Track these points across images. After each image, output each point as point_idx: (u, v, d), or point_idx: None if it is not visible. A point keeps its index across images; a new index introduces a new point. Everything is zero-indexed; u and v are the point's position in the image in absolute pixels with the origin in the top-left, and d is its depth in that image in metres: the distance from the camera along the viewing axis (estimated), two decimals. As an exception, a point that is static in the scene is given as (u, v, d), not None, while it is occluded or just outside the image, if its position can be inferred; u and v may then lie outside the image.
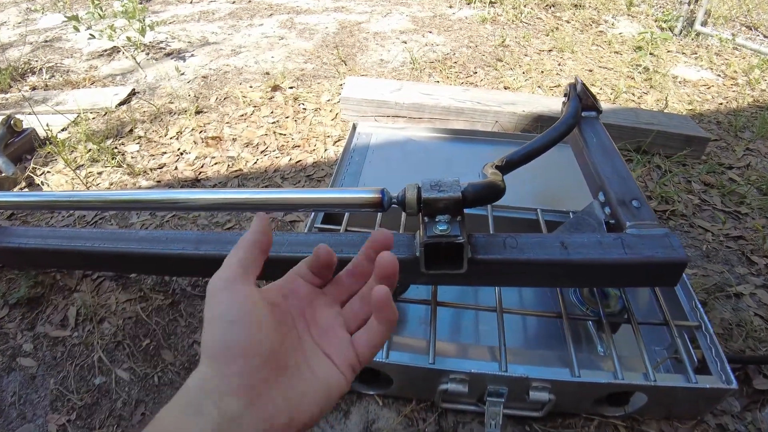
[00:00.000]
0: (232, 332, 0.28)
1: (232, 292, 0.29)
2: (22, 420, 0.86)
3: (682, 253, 0.70)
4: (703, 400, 0.78)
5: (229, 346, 0.27)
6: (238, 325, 0.28)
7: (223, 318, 0.28)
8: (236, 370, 0.26)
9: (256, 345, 0.28)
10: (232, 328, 0.28)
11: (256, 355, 0.27)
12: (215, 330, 0.28)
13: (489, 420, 0.76)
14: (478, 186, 0.69)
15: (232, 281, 0.30)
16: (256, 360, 0.27)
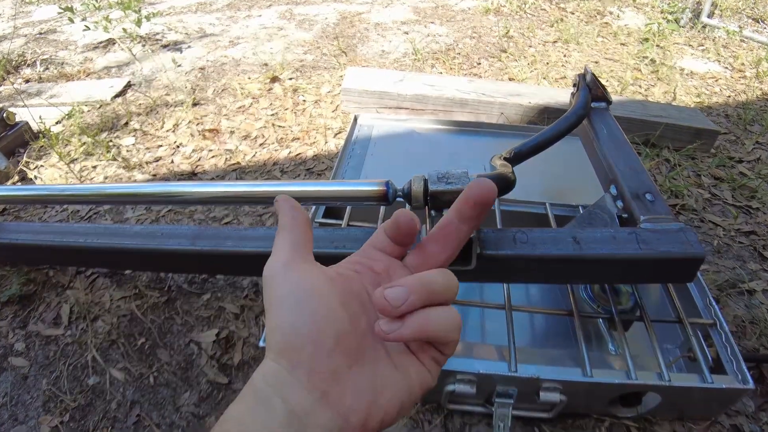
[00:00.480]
0: (298, 315, 0.24)
1: (293, 272, 0.26)
2: (14, 422, 0.83)
3: (699, 249, 0.67)
4: (717, 400, 0.76)
5: (295, 332, 0.24)
6: (303, 306, 0.25)
7: (286, 301, 0.25)
8: (304, 358, 0.24)
9: (325, 328, 0.24)
10: (297, 310, 0.25)
11: (325, 340, 0.24)
12: (278, 316, 0.25)
13: (497, 422, 0.74)
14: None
15: (290, 262, 0.27)
16: (326, 345, 0.24)
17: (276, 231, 0.30)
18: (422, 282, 0.25)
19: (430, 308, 0.25)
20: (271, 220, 1.22)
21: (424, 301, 0.25)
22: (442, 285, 0.26)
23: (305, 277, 0.26)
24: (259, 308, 0.99)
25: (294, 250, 0.28)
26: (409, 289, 0.25)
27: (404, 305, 0.24)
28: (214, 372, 0.88)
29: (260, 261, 0.82)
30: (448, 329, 0.26)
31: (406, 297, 0.24)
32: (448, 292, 0.26)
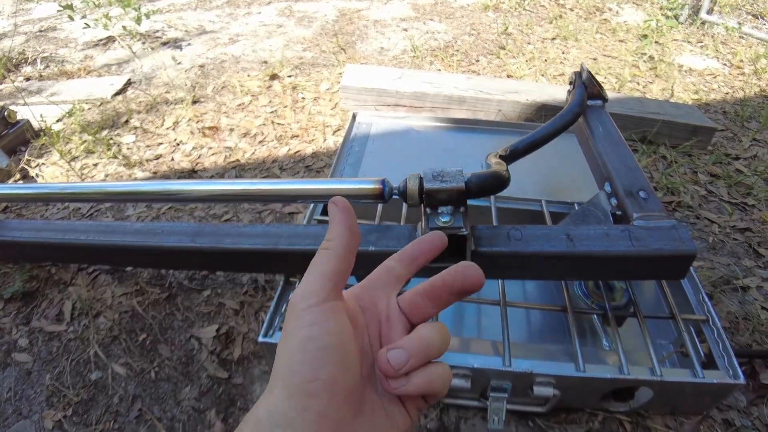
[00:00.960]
0: (320, 363, 0.24)
1: (323, 312, 0.25)
2: (18, 416, 0.84)
3: (691, 246, 0.68)
4: (709, 395, 0.77)
5: (314, 378, 0.23)
6: (328, 355, 0.24)
7: (315, 342, 0.24)
8: (317, 404, 0.23)
9: (343, 379, 0.24)
10: (321, 358, 0.24)
11: (340, 390, 0.24)
12: (299, 358, 0.24)
13: (492, 416, 0.75)
14: (482, 176, 0.67)
15: (322, 299, 0.26)
16: (340, 395, 0.24)
17: (320, 245, 0.29)
18: (421, 344, 0.26)
19: (431, 366, 0.27)
20: (270, 217, 1.23)
21: (422, 361, 0.26)
22: (439, 343, 0.27)
23: (334, 320, 0.25)
24: (259, 304, 1.00)
25: (332, 283, 0.26)
26: (409, 353, 0.26)
27: (405, 368, 0.25)
28: (214, 367, 0.90)
29: (259, 258, 0.83)
30: (444, 387, 0.27)
31: (406, 360, 0.25)
32: (442, 348, 0.27)
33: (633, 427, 0.80)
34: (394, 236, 0.73)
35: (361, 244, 0.72)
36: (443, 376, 0.27)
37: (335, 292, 0.26)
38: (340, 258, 0.27)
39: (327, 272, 0.27)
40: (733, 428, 0.80)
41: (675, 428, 0.80)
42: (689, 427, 0.81)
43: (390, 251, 0.71)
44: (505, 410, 0.75)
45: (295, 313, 0.25)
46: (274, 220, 1.22)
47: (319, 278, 0.26)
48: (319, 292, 0.26)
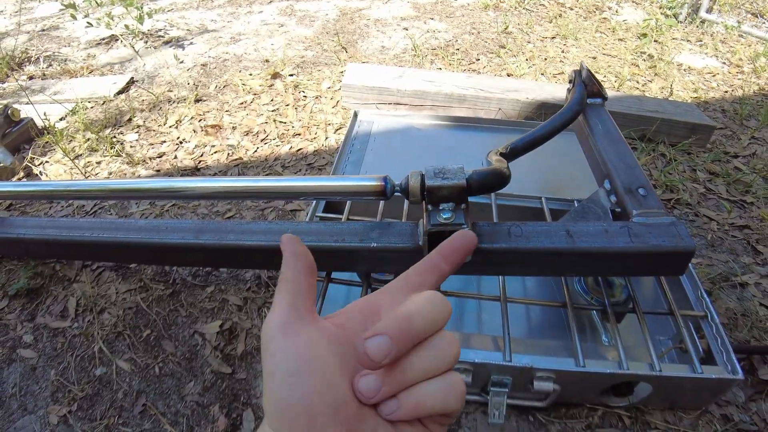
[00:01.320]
0: (290, 388, 0.23)
1: (288, 336, 0.25)
2: (23, 411, 0.85)
3: (690, 242, 0.69)
4: (708, 390, 0.77)
5: (287, 405, 0.23)
6: (297, 379, 0.23)
7: (278, 371, 0.24)
8: (299, 430, 0.22)
9: (320, 401, 0.23)
10: (290, 383, 0.23)
11: (320, 412, 0.23)
12: (272, 385, 0.24)
13: (492, 410, 0.76)
14: (483, 173, 0.67)
15: (286, 323, 0.25)
16: (320, 417, 0.23)
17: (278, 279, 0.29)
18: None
19: (424, 384, 0.24)
20: (272, 214, 1.24)
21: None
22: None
23: (301, 342, 0.24)
24: (262, 300, 1.01)
25: (292, 308, 0.26)
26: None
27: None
28: (218, 362, 0.91)
29: (262, 254, 0.84)
30: (448, 403, 0.24)
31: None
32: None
33: (632, 421, 0.81)
34: (396, 233, 0.74)
35: (363, 240, 0.73)
36: (443, 391, 0.24)
37: (298, 316, 0.26)
38: (293, 282, 0.27)
39: (284, 300, 0.27)
40: (731, 423, 0.81)
41: (674, 423, 0.81)
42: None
43: (391, 248, 0.72)
44: (506, 405, 0.76)
45: (264, 342, 0.25)
46: (276, 218, 1.23)
47: (278, 306, 0.26)
48: (279, 319, 0.26)
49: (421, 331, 0.24)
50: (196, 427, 0.82)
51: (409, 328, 0.23)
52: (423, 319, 0.24)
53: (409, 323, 0.23)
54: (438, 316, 0.24)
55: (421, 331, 0.24)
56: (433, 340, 0.24)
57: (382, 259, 0.74)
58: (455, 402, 0.24)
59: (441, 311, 0.24)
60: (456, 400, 0.24)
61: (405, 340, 0.23)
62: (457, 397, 0.24)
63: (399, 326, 0.23)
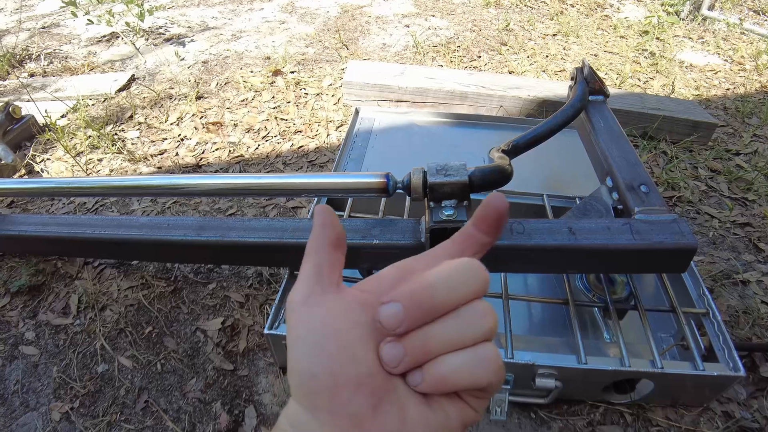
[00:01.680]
0: (313, 359, 0.22)
1: (312, 307, 0.24)
2: (26, 408, 0.86)
3: (692, 239, 0.69)
4: (709, 387, 0.78)
5: (311, 377, 0.22)
6: (319, 350, 0.22)
7: (302, 343, 0.23)
8: (324, 402, 0.22)
9: (343, 372, 0.22)
10: (313, 354, 0.22)
11: (344, 384, 0.22)
12: (295, 359, 0.23)
13: (494, 407, 0.76)
14: (485, 170, 0.67)
15: (311, 294, 0.25)
16: (345, 389, 0.22)
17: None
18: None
19: (450, 356, 0.22)
20: (274, 211, 1.24)
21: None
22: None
23: (324, 313, 0.24)
24: (263, 297, 1.01)
25: (316, 279, 0.25)
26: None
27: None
28: (219, 359, 0.91)
29: (263, 251, 0.84)
30: (477, 376, 0.22)
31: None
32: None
33: (634, 418, 0.81)
34: (398, 230, 0.74)
35: (365, 237, 0.73)
36: (472, 363, 0.22)
37: (320, 286, 0.25)
38: (318, 253, 0.26)
39: (307, 271, 0.26)
40: (732, 420, 0.81)
41: (675, 420, 0.81)
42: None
43: (393, 245, 0.72)
44: (508, 401, 0.76)
45: (288, 317, 0.25)
46: (278, 214, 1.23)
47: (301, 279, 0.26)
48: (302, 290, 0.25)
49: (443, 300, 0.22)
50: (198, 423, 0.83)
51: (427, 297, 0.22)
52: (447, 288, 0.22)
53: (430, 291, 0.22)
54: (468, 285, 0.22)
55: (444, 301, 0.22)
56: (463, 310, 0.22)
57: (384, 256, 0.74)
58: (487, 375, 0.22)
59: (473, 280, 0.23)
60: (488, 373, 0.22)
61: (420, 309, 0.22)
62: (488, 370, 0.22)
63: (414, 294, 0.22)
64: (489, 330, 0.22)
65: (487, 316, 0.23)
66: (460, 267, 0.23)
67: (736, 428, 0.80)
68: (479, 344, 0.22)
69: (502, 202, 0.25)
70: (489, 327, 0.22)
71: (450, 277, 0.22)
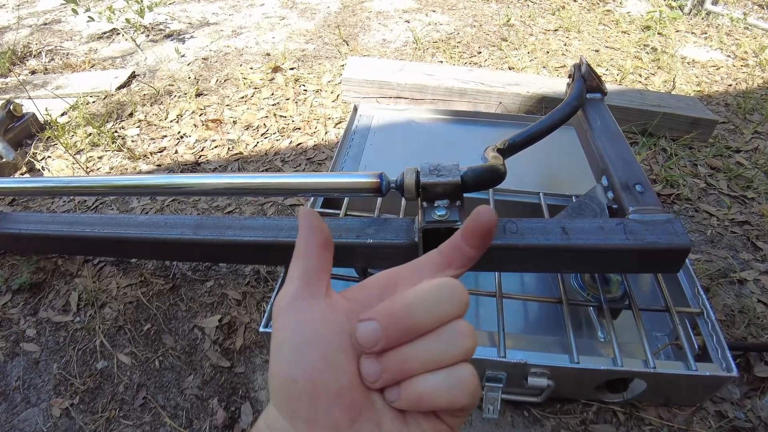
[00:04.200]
0: (294, 365, 0.22)
1: (298, 312, 0.24)
2: (27, 404, 0.87)
3: (686, 239, 0.69)
4: (702, 387, 0.78)
5: (291, 382, 0.22)
6: (302, 355, 0.22)
7: (285, 347, 0.23)
8: (302, 410, 0.22)
9: (324, 380, 0.22)
10: (295, 359, 0.22)
11: (324, 392, 0.22)
12: (276, 363, 0.23)
13: (487, 405, 0.76)
14: (478, 170, 0.68)
15: (296, 298, 0.24)
16: (325, 398, 0.22)
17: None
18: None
19: (428, 376, 0.22)
20: (272, 209, 1.25)
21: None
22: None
23: (310, 319, 0.23)
24: (260, 294, 1.02)
25: (303, 283, 0.25)
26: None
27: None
28: (217, 356, 0.92)
29: (260, 250, 0.84)
30: (453, 398, 0.22)
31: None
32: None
33: (626, 417, 0.82)
34: (392, 229, 0.74)
35: (360, 236, 0.74)
36: (448, 386, 0.22)
37: (307, 290, 0.25)
38: (306, 257, 0.26)
39: (295, 275, 0.25)
40: (725, 420, 0.82)
41: (668, 419, 0.81)
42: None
43: (387, 244, 0.72)
44: (500, 400, 0.77)
45: (274, 317, 0.25)
46: (276, 213, 1.24)
47: (289, 281, 0.25)
48: (289, 293, 0.25)
49: (422, 321, 0.22)
50: (195, 420, 0.84)
51: (405, 317, 0.22)
52: (426, 309, 0.22)
53: (407, 311, 0.22)
54: (447, 306, 0.22)
55: (422, 322, 0.22)
56: (442, 330, 0.22)
57: (378, 255, 0.75)
58: (463, 398, 0.22)
59: (452, 301, 0.22)
60: (464, 395, 0.22)
61: (397, 329, 0.22)
62: (465, 392, 0.22)
63: (392, 314, 0.22)
64: (467, 350, 0.22)
65: (466, 337, 0.22)
66: (440, 287, 0.23)
67: (729, 428, 0.81)
68: (457, 365, 0.22)
69: (490, 218, 0.25)
70: (468, 348, 0.22)
71: (429, 297, 0.22)
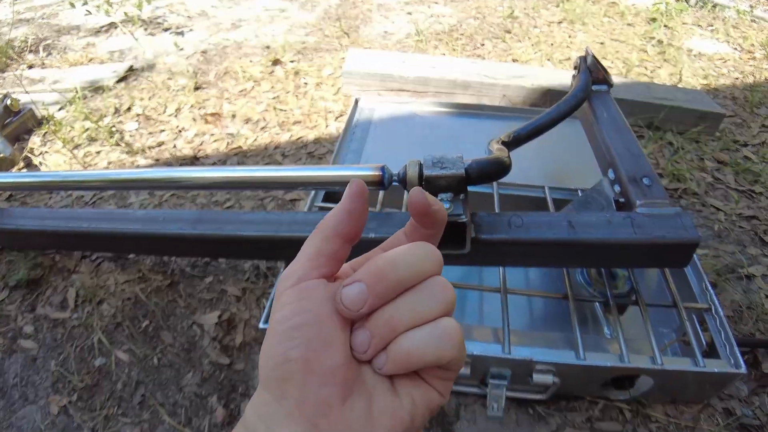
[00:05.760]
0: (291, 342, 0.22)
1: (297, 291, 0.23)
2: (25, 401, 0.86)
3: (694, 233, 0.67)
4: (710, 384, 0.76)
5: (285, 360, 0.22)
6: (299, 333, 0.22)
7: (283, 324, 0.23)
8: (293, 389, 0.22)
9: (319, 358, 0.22)
10: (291, 337, 0.22)
11: (318, 370, 0.22)
12: (272, 342, 0.23)
13: (491, 402, 0.75)
14: (482, 163, 0.66)
15: (297, 279, 0.24)
16: (318, 376, 0.22)
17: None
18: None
19: (413, 332, 0.23)
20: (272, 204, 1.23)
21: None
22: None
23: (307, 299, 0.23)
24: (260, 291, 1.01)
25: (313, 265, 0.25)
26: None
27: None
28: (216, 353, 0.91)
29: (260, 245, 0.83)
30: (441, 350, 0.23)
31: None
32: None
33: (633, 415, 0.80)
34: (395, 223, 0.73)
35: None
36: (435, 339, 0.22)
37: (316, 272, 0.24)
38: (325, 239, 0.25)
39: (308, 253, 0.25)
40: (733, 417, 0.80)
41: (675, 417, 0.80)
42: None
43: (389, 239, 0.71)
44: (505, 397, 0.75)
45: (275, 297, 0.24)
46: (276, 207, 1.22)
47: (300, 259, 0.25)
48: (296, 272, 0.24)
49: (403, 277, 0.23)
50: (194, 417, 0.82)
51: (389, 271, 0.22)
52: (406, 264, 0.23)
53: (390, 266, 0.22)
54: (424, 261, 0.23)
55: (404, 278, 0.23)
56: (423, 284, 0.23)
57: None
58: (450, 350, 0.22)
59: (429, 257, 0.24)
60: (451, 347, 0.22)
61: (382, 286, 0.22)
62: (451, 344, 0.23)
63: (376, 273, 0.22)
64: (449, 302, 0.23)
65: (446, 289, 0.23)
66: (416, 246, 0.24)
67: (737, 425, 0.79)
68: (440, 318, 0.23)
69: (418, 198, 0.25)
70: (448, 299, 0.23)
71: (407, 254, 0.23)
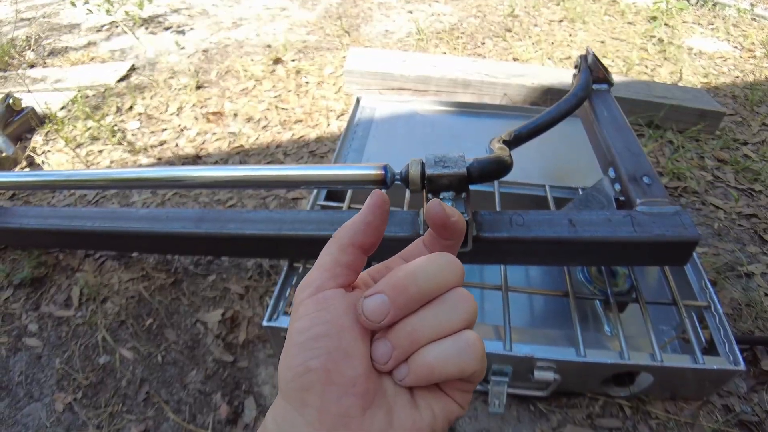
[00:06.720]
0: (311, 353, 0.22)
1: (316, 302, 0.23)
2: (30, 399, 0.86)
3: (694, 232, 0.68)
4: (709, 381, 0.77)
5: (306, 371, 0.22)
6: (319, 344, 0.22)
7: (302, 335, 0.23)
8: (314, 399, 0.21)
9: (340, 369, 0.22)
10: (312, 347, 0.22)
11: (338, 381, 0.22)
12: (292, 350, 0.23)
13: (493, 399, 0.76)
14: (483, 162, 0.66)
15: (316, 289, 0.24)
16: (338, 387, 0.22)
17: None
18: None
19: (435, 344, 0.22)
20: (274, 202, 1.24)
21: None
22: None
23: (327, 309, 0.23)
24: (263, 289, 1.01)
25: (330, 275, 0.24)
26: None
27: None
28: (219, 351, 0.91)
29: (263, 243, 0.83)
30: (463, 363, 0.22)
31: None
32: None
33: (633, 411, 0.81)
34: (396, 222, 0.74)
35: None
36: (456, 353, 0.22)
37: (333, 282, 0.24)
38: (342, 248, 0.25)
39: (324, 263, 0.25)
40: (732, 414, 0.81)
41: (674, 413, 0.81)
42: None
43: (392, 237, 0.71)
44: (506, 394, 0.76)
45: (294, 307, 0.24)
46: (278, 206, 1.23)
47: (316, 269, 0.25)
48: (313, 282, 0.24)
49: (424, 289, 0.22)
50: (198, 414, 0.83)
51: (410, 283, 0.22)
52: (427, 276, 0.23)
53: (411, 278, 0.22)
54: (445, 273, 0.23)
55: (425, 289, 0.22)
56: (443, 297, 0.23)
57: (383, 248, 0.73)
58: (472, 363, 0.22)
59: (449, 269, 0.23)
60: (472, 360, 0.22)
61: (404, 298, 0.22)
62: (473, 357, 0.22)
63: (397, 284, 0.22)
64: (470, 315, 0.23)
65: (468, 301, 0.23)
66: (436, 257, 0.24)
67: (736, 422, 0.80)
68: (462, 331, 0.23)
69: (437, 210, 0.25)
70: (470, 312, 0.23)
71: (428, 265, 0.23)
